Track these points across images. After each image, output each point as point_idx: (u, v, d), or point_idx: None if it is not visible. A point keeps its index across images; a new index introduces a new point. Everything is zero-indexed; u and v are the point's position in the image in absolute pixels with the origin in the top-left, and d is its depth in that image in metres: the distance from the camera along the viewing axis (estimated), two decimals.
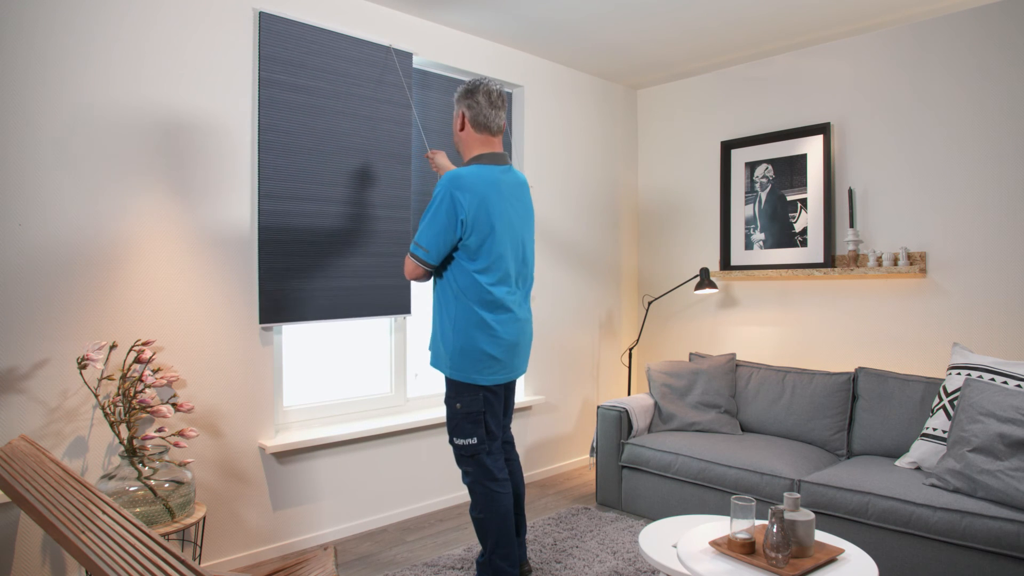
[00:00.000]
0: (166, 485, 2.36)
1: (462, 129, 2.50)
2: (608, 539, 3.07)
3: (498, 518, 2.41)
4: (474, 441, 2.40)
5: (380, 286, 3.28)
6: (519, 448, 3.97)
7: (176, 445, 2.49)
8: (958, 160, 3.29)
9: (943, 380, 2.97)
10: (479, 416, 2.41)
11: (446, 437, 3.57)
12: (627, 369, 4.63)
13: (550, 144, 4.14)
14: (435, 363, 2.48)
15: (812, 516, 1.95)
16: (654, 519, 3.36)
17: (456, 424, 2.42)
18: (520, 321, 2.46)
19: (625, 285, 4.66)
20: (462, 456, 2.44)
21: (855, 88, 3.64)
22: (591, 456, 3.72)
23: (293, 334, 3.15)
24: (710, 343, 4.29)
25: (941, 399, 2.85)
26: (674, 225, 4.51)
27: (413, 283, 3.41)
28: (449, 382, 2.44)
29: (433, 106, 3.62)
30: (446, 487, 3.59)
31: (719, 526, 2.22)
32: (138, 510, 2.26)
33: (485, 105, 2.45)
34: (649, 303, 4.35)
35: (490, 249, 2.35)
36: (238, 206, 2.85)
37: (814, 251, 3.72)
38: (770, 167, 3.93)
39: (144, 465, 2.36)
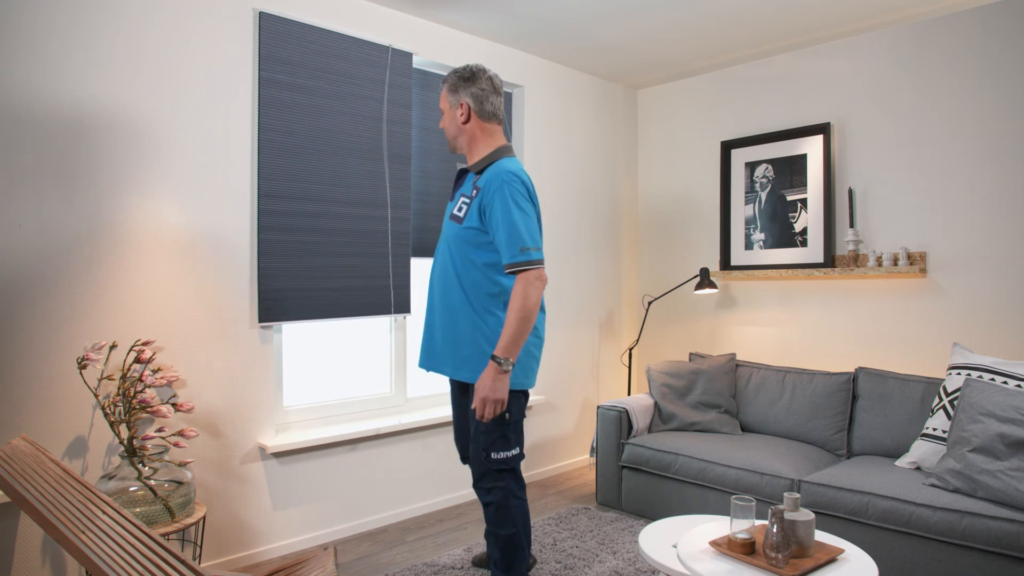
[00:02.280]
0: (166, 485, 2.36)
1: (467, 122, 2.21)
2: (608, 539, 3.07)
3: (528, 530, 2.28)
4: (517, 451, 2.19)
5: (380, 286, 3.28)
6: None
7: (176, 445, 2.49)
8: (958, 160, 3.29)
9: (943, 380, 2.97)
10: (521, 424, 2.23)
11: (446, 436, 3.57)
12: (627, 369, 4.63)
13: (550, 144, 4.14)
14: (477, 376, 2.15)
15: (812, 516, 1.95)
16: (654, 519, 3.36)
17: (500, 436, 2.16)
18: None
19: (625, 285, 4.66)
20: (500, 472, 2.18)
21: (855, 88, 3.64)
22: (591, 456, 3.72)
23: (293, 334, 3.15)
24: (710, 343, 4.29)
25: (941, 399, 2.85)
26: (674, 225, 4.51)
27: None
28: None
29: (433, 106, 3.62)
30: (446, 487, 3.59)
31: (719, 526, 2.22)
32: (138, 510, 2.26)
33: (490, 91, 2.22)
34: (649, 303, 4.35)
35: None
36: (238, 205, 2.85)
37: (814, 251, 3.72)
38: (770, 167, 3.93)
39: (144, 465, 2.36)
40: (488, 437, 2.15)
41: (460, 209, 2.20)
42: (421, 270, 3.59)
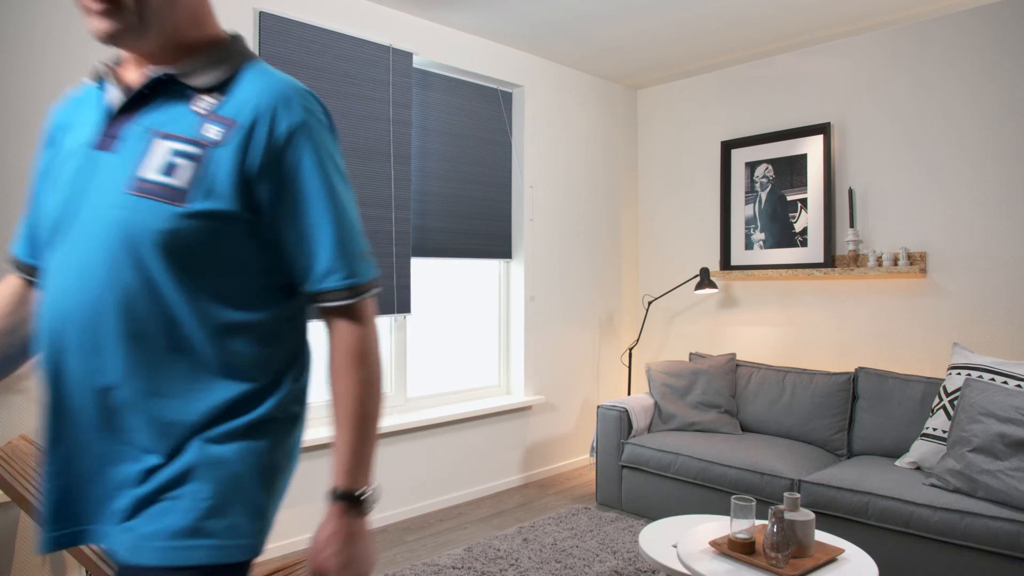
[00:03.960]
0: None
1: None
2: (608, 539, 3.07)
3: None
4: None
5: (383, 286, 3.28)
6: (519, 448, 3.97)
7: None
8: (958, 160, 3.29)
9: (943, 380, 2.97)
10: None
11: (446, 436, 3.57)
12: (627, 369, 4.63)
13: (550, 144, 4.14)
14: (208, 538, 0.92)
15: (812, 516, 1.95)
16: (654, 519, 3.36)
17: None
18: None
19: (625, 285, 4.66)
20: None
21: (855, 88, 3.64)
22: (591, 456, 3.72)
23: None
24: (710, 343, 4.29)
25: (941, 399, 2.85)
26: (674, 225, 4.51)
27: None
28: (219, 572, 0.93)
29: (433, 106, 3.62)
30: (446, 487, 3.59)
31: (719, 526, 2.22)
32: None
33: None
34: (649, 303, 4.35)
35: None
36: None
37: (814, 251, 3.72)
38: (770, 167, 3.93)
39: None
40: None
41: (169, 170, 0.91)
42: (420, 270, 3.59)
